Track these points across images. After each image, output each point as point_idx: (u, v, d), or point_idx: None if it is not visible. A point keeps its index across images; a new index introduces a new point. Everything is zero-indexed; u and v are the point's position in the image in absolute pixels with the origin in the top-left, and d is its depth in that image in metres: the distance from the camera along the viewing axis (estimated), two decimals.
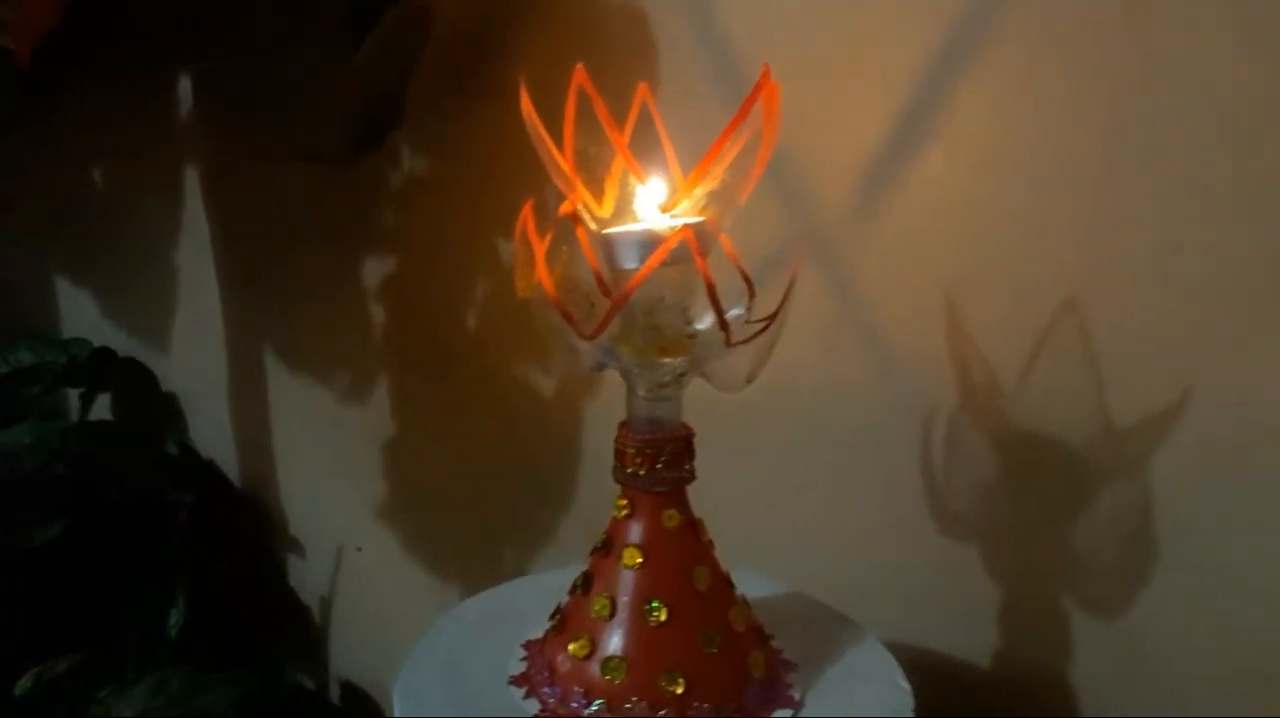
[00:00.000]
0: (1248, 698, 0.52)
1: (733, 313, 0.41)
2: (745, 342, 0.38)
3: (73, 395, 0.85)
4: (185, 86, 0.74)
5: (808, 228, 0.57)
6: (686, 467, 0.40)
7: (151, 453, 0.79)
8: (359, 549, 0.78)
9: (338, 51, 0.60)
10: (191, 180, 0.77)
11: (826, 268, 0.57)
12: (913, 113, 0.53)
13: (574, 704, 0.39)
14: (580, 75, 0.35)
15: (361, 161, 0.63)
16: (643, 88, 0.43)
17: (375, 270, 0.71)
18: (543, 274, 0.36)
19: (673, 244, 0.35)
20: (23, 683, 0.72)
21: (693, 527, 0.41)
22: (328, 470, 0.78)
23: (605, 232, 0.38)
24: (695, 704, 0.38)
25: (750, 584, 0.45)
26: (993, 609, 0.58)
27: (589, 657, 0.39)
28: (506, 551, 0.72)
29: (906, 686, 0.42)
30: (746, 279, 0.42)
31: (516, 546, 0.71)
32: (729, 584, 0.42)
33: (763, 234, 0.57)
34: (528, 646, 0.44)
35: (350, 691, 0.82)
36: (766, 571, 0.52)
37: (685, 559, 0.40)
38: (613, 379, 0.42)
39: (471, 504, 0.73)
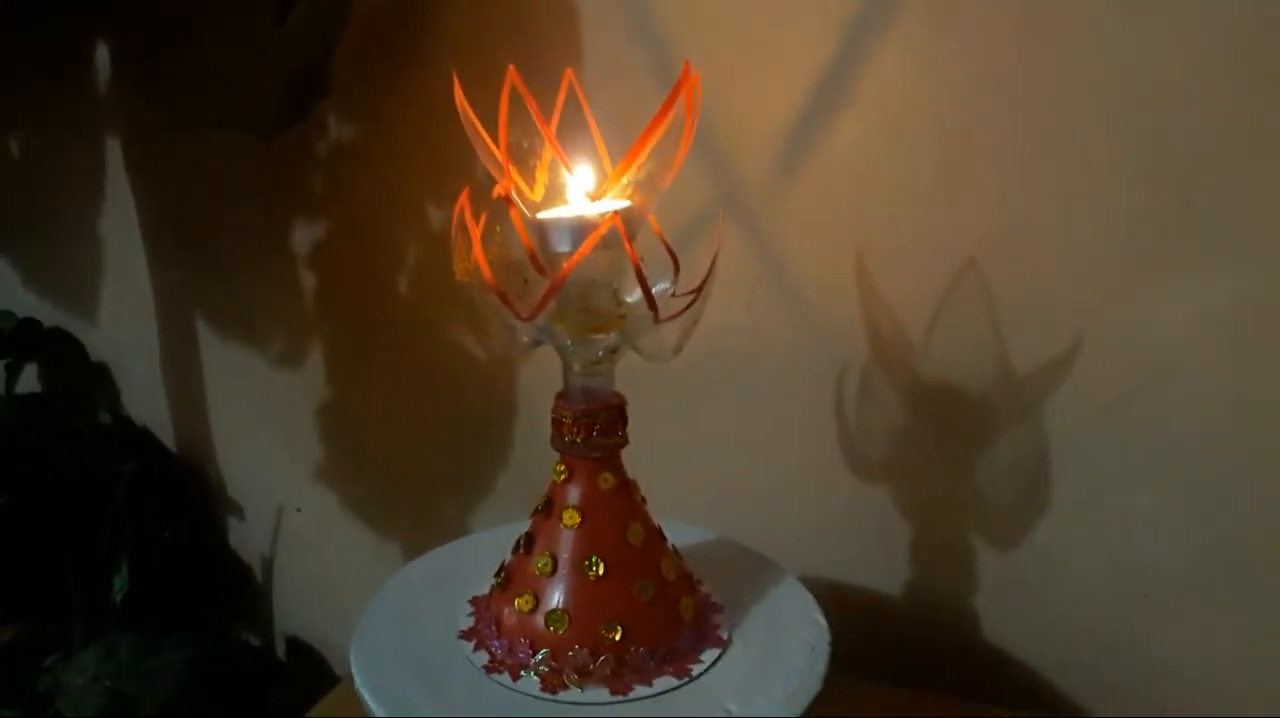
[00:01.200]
0: (1128, 614, 0.58)
1: (659, 287, 0.44)
2: (673, 317, 0.41)
3: None
4: (103, 54, 0.73)
5: (729, 190, 0.60)
6: (620, 433, 0.43)
7: (86, 423, 0.79)
8: (299, 510, 0.80)
9: (259, 20, 0.60)
10: (113, 149, 0.76)
11: (746, 229, 0.60)
12: (828, 81, 0.56)
13: (520, 655, 0.42)
14: (513, 75, 0.37)
15: (287, 131, 0.64)
16: (568, 73, 0.45)
17: (305, 237, 0.72)
18: (480, 260, 0.38)
19: (603, 231, 0.37)
20: None
21: (626, 487, 0.44)
22: (265, 434, 0.79)
23: (539, 216, 0.40)
24: (632, 649, 0.41)
25: (680, 534, 0.49)
26: (903, 543, 0.62)
27: (533, 611, 0.42)
28: (447, 506, 0.74)
29: (823, 621, 0.46)
30: (671, 254, 0.45)
31: (456, 501, 0.74)
32: (661, 537, 0.45)
33: (686, 197, 0.59)
34: (474, 602, 0.47)
35: (295, 645, 0.84)
36: (694, 514, 0.56)
37: (620, 518, 0.43)
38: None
39: (410, 463, 0.75)
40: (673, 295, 0.44)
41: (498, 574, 0.45)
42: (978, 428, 0.59)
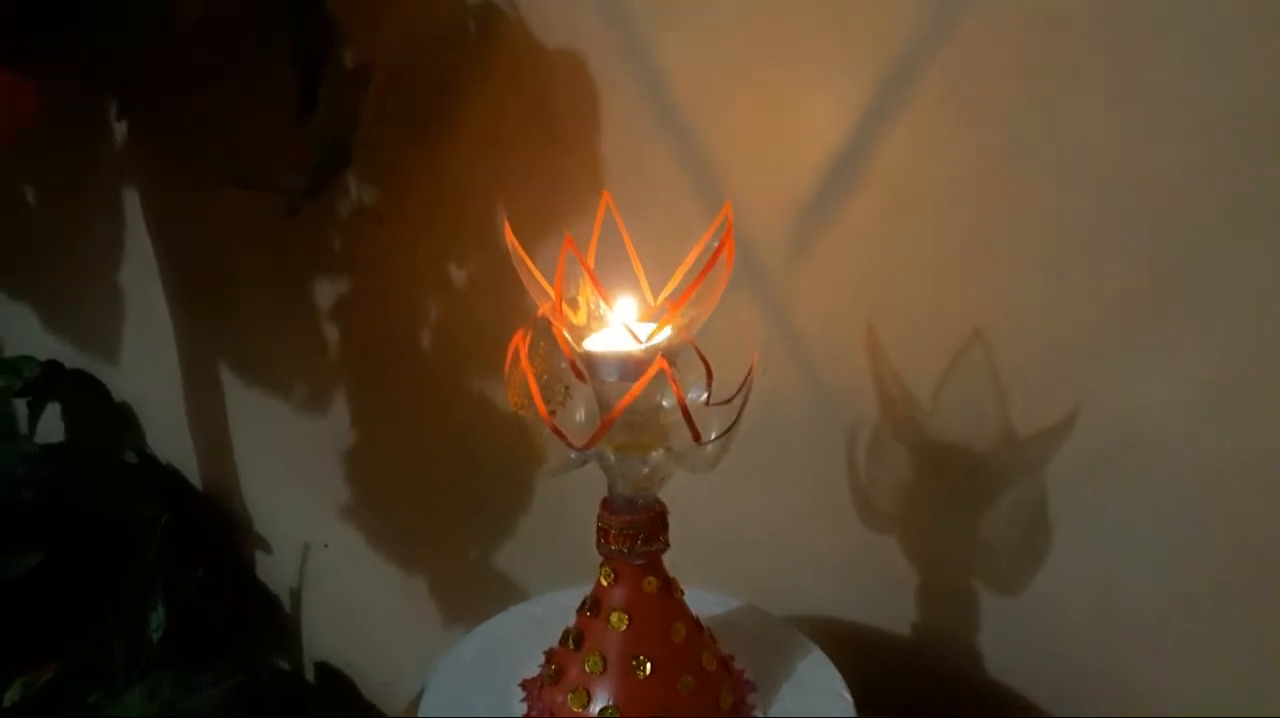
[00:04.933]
0: (1118, 657, 0.62)
1: (692, 394, 0.47)
2: (714, 439, 0.44)
3: (19, 404, 0.86)
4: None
5: (746, 261, 0.63)
6: (662, 538, 0.46)
7: (114, 465, 0.81)
8: (326, 546, 0.83)
9: (280, 89, 0.62)
10: (130, 199, 0.77)
11: (763, 297, 0.63)
12: (841, 164, 0.59)
13: None
14: (569, 243, 0.39)
15: (317, 199, 0.66)
16: (605, 195, 0.47)
17: (327, 292, 0.74)
18: (537, 399, 0.41)
19: (652, 375, 0.40)
20: (11, 693, 0.76)
21: (668, 588, 0.47)
22: (290, 474, 0.82)
23: (586, 348, 0.43)
24: None
25: (709, 603, 0.52)
26: (910, 587, 0.66)
27: (586, 706, 0.46)
28: (471, 547, 0.78)
29: (849, 696, 0.50)
30: (705, 364, 0.48)
31: (480, 541, 0.77)
32: (699, 629, 0.48)
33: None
34: (525, 686, 0.50)
35: (324, 669, 0.88)
36: (712, 563, 0.58)
37: (664, 618, 0.46)
38: None
39: (434, 503, 0.78)
40: (706, 403, 0.47)
41: (548, 665, 0.49)
42: (980, 483, 0.62)
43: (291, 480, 0.82)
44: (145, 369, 0.83)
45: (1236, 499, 0.57)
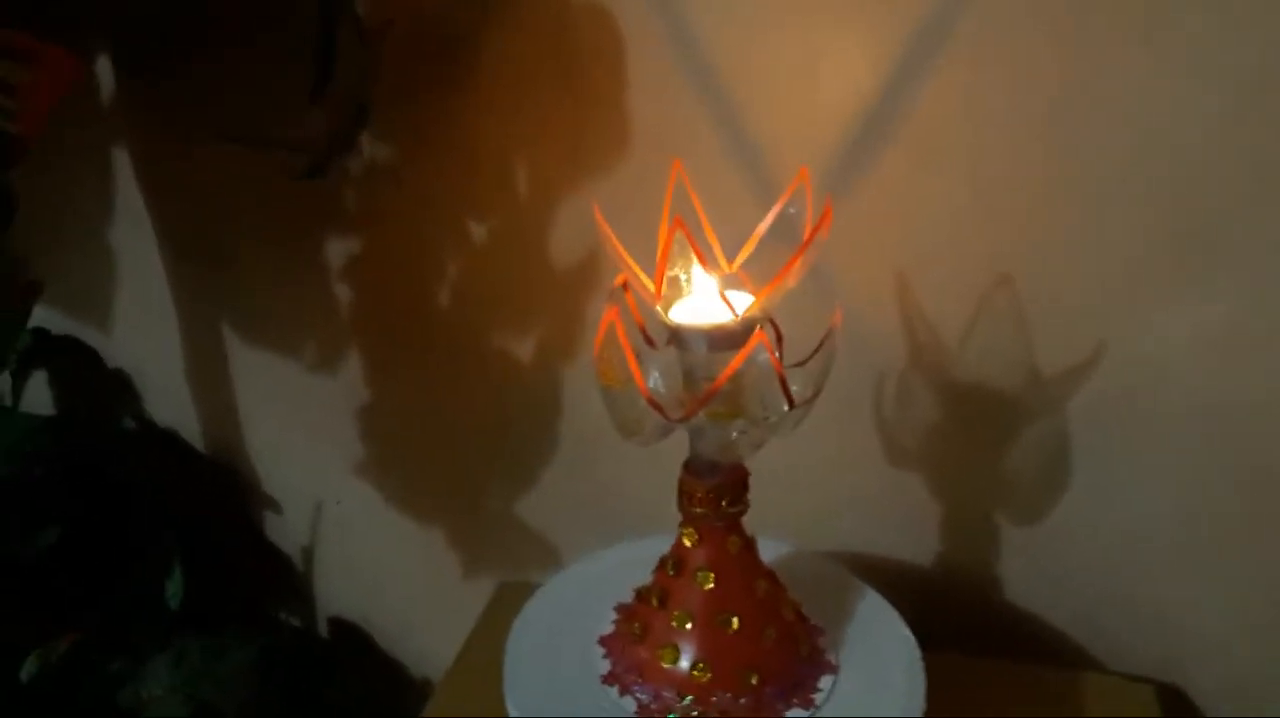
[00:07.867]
0: (1133, 579, 0.66)
1: (761, 358, 0.48)
2: (803, 403, 0.45)
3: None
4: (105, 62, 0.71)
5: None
6: (744, 500, 0.48)
7: (116, 434, 0.79)
8: (338, 503, 0.82)
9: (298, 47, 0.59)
10: (121, 158, 0.74)
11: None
12: (875, 119, 0.59)
13: (667, 698, 0.47)
14: (679, 223, 0.39)
15: (339, 163, 0.64)
16: (676, 164, 0.47)
17: (338, 251, 0.72)
18: (638, 378, 0.41)
19: (751, 348, 0.41)
20: (28, 666, 0.75)
21: (749, 546, 0.49)
22: (299, 434, 0.80)
23: (675, 320, 0.43)
24: (766, 690, 0.47)
25: (767, 550, 0.54)
26: (935, 522, 0.69)
27: (676, 661, 0.47)
28: (488, 499, 0.78)
29: (910, 634, 0.53)
30: (775, 327, 0.49)
31: (497, 493, 0.78)
32: (777, 583, 0.50)
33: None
34: (605, 643, 0.51)
35: (340, 625, 0.88)
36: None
37: (748, 575, 0.48)
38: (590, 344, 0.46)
39: (451, 458, 0.78)
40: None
41: (629, 622, 0.50)
42: (1006, 421, 0.65)
43: (300, 440, 0.81)
44: (141, 334, 0.80)
45: (1245, 437, 0.60)
